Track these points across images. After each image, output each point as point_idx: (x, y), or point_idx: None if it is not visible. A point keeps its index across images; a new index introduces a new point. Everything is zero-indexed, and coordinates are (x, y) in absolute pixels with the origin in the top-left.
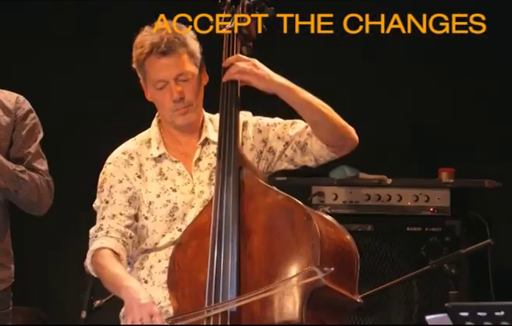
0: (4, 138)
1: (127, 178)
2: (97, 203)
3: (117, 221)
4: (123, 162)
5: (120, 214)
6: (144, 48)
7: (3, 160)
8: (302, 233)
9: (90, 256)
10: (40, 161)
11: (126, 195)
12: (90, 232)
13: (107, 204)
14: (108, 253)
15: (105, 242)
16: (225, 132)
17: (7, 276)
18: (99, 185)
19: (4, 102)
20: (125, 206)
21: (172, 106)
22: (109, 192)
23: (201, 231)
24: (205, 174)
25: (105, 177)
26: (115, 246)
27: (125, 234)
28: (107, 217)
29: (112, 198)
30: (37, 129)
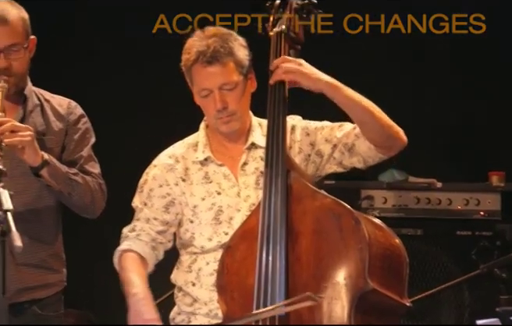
0: (56, 143)
1: (167, 184)
2: (135, 202)
3: (150, 226)
4: (167, 167)
5: (154, 219)
6: (190, 55)
7: (56, 163)
8: (350, 237)
9: (117, 255)
10: (92, 164)
11: (164, 200)
12: (123, 230)
13: (144, 206)
14: (133, 257)
15: (133, 244)
16: (272, 135)
17: (58, 280)
18: (140, 184)
19: (56, 108)
20: (161, 211)
21: (216, 114)
22: (148, 194)
23: (250, 234)
24: (251, 178)
25: (147, 178)
26: (142, 251)
27: (155, 239)
28: (141, 220)
29: (150, 201)
30: (88, 133)
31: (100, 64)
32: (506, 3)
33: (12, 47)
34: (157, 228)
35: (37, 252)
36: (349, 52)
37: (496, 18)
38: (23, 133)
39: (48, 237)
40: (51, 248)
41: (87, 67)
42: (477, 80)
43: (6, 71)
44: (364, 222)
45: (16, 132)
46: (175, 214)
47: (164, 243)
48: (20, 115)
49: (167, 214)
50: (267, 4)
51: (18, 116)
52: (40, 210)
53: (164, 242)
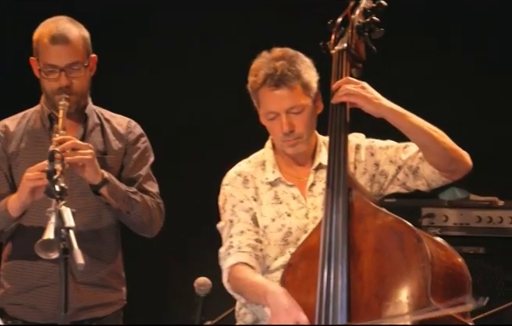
0: (116, 162)
1: (247, 198)
2: (221, 223)
3: (246, 237)
4: (240, 183)
5: (248, 230)
6: (257, 78)
7: (116, 181)
8: (412, 255)
9: (226, 273)
10: (150, 184)
11: (249, 214)
12: (220, 251)
13: (232, 223)
14: (244, 267)
15: (239, 257)
16: (334, 153)
17: (118, 299)
18: (221, 206)
19: (116, 127)
20: (250, 223)
21: (282, 137)
22: (232, 211)
23: (311, 252)
24: (319, 199)
25: (226, 198)
26: (249, 260)
27: (256, 247)
28: (235, 235)
29: (236, 216)
30: (147, 152)
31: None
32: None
33: (73, 66)
34: (253, 236)
35: (97, 271)
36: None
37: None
38: (84, 151)
39: (107, 256)
40: (111, 266)
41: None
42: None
43: (67, 89)
44: (426, 241)
45: (77, 149)
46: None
47: (263, 251)
48: (81, 133)
49: (255, 226)
50: (329, 22)
51: (78, 135)
52: (99, 229)
53: (263, 251)
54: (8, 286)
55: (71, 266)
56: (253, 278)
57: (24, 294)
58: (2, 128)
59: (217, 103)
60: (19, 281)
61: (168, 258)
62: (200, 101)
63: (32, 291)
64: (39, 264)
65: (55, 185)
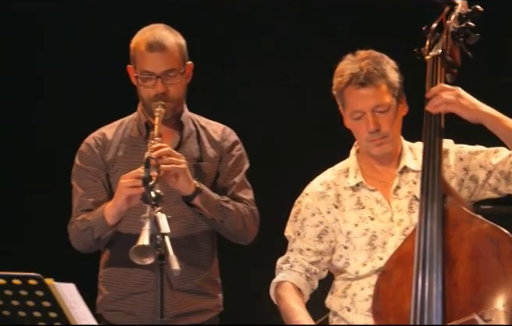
0: (211, 170)
1: (319, 212)
2: (288, 231)
3: (303, 257)
4: (319, 195)
5: (307, 249)
6: (343, 78)
7: (208, 191)
8: (509, 263)
9: (273, 287)
10: (245, 191)
11: (317, 229)
12: (277, 262)
13: (298, 236)
14: (289, 287)
15: (288, 275)
16: (428, 160)
17: (214, 305)
18: (293, 214)
19: (211, 134)
20: (314, 241)
21: (368, 136)
22: (302, 224)
23: (405, 259)
24: (404, 202)
25: (300, 208)
26: (297, 281)
27: (309, 269)
28: (295, 251)
29: (302, 231)
30: (242, 159)
31: (256, 90)
32: None
33: (169, 73)
34: (310, 258)
35: (193, 277)
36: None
37: None
38: (177, 160)
39: (203, 262)
40: (207, 273)
41: (245, 93)
42: None
43: (163, 96)
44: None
45: (171, 158)
46: (328, 243)
47: (318, 273)
48: (177, 140)
49: (320, 243)
50: (423, 28)
51: (174, 142)
52: (195, 235)
53: (318, 273)
54: (106, 292)
55: (167, 272)
56: (289, 300)
57: (122, 300)
58: (100, 136)
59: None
60: (116, 287)
61: (264, 264)
62: (293, 108)
63: (129, 297)
64: (136, 271)
65: (151, 191)
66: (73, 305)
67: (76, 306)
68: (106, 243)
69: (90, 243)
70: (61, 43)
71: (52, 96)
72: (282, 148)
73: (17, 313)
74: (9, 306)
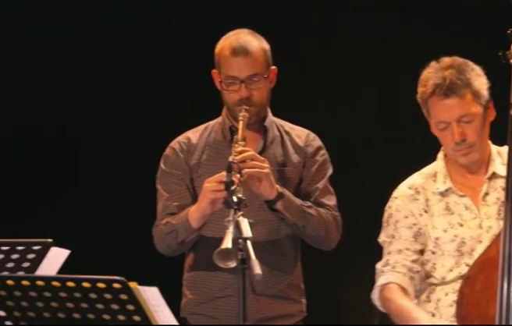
0: (295, 175)
1: (412, 214)
2: (382, 237)
3: (403, 256)
4: (409, 197)
5: (406, 249)
6: (427, 88)
7: (291, 196)
8: None
9: (377, 291)
10: (328, 197)
11: (412, 230)
12: (376, 266)
13: (392, 239)
14: (395, 288)
15: (391, 277)
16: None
17: (297, 310)
18: (385, 219)
19: (295, 140)
20: (410, 241)
21: (454, 147)
22: (395, 227)
23: (490, 265)
24: (493, 208)
25: (391, 212)
26: (402, 281)
27: (411, 269)
28: (393, 253)
29: (397, 233)
30: (326, 165)
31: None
32: None
33: (253, 78)
34: (410, 257)
35: (276, 282)
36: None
37: None
38: (261, 165)
39: (286, 267)
40: (290, 278)
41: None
42: None
43: (247, 101)
44: None
45: (254, 162)
46: (422, 244)
47: (420, 272)
48: (260, 145)
49: (417, 243)
50: (508, 31)
51: (258, 147)
52: (278, 240)
53: (420, 271)
54: (190, 296)
55: (251, 278)
56: (399, 300)
57: (205, 304)
58: (185, 140)
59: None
60: (200, 291)
61: (346, 270)
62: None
63: (213, 301)
64: (220, 275)
65: (233, 195)
66: (157, 308)
67: (160, 309)
68: (190, 247)
69: (174, 246)
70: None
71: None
72: (365, 153)
73: (102, 317)
74: (94, 310)
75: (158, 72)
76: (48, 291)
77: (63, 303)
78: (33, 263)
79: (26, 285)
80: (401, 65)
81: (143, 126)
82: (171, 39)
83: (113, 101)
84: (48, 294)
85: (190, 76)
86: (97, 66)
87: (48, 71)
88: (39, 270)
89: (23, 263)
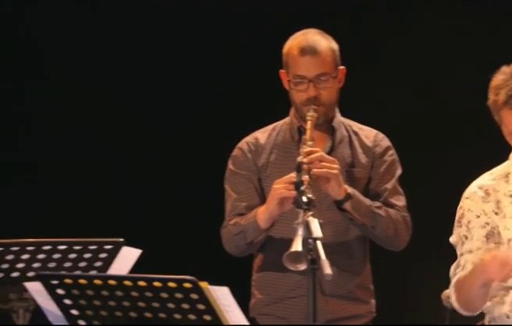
0: (363, 175)
1: (485, 214)
2: (454, 238)
3: (473, 256)
4: (480, 197)
5: (478, 248)
6: (498, 97)
7: (360, 196)
8: None
9: (452, 292)
10: (397, 197)
11: (484, 230)
12: (450, 270)
13: (465, 240)
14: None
15: (462, 273)
16: None
17: (366, 311)
18: (457, 220)
19: (363, 140)
20: (482, 241)
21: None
22: (467, 228)
23: None
24: None
25: (463, 212)
26: None
27: None
28: (465, 253)
29: (469, 233)
30: (394, 165)
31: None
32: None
33: (321, 77)
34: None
35: (345, 283)
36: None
37: None
38: (330, 165)
39: (355, 268)
40: (359, 279)
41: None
42: None
43: (315, 100)
44: None
45: (323, 162)
46: (495, 244)
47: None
48: (329, 145)
49: (489, 243)
50: None
51: (326, 147)
52: (347, 241)
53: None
54: (259, 296)
55: (320, 278)
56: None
57: (274, 305)
58: (253, 140)
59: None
60: (269, 292)
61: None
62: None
63: (282, 302)
64: (288, 276)
65: (303, 196)
66: (227, 308)
67: (230, 309)
68: (259, 247)
69: (242, 247)
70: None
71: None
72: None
73: (172, 316)
74: (165, 309)
75: (226, 72)
76: (119, 290)
77: (135, 303)
78: (105, 263)
79: (98, 285)
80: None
81: (211, 127)
82: (239, 39)
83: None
84: (119, 293)
85: (258, 76)
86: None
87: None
88: (111, 269)
89: (95, 263)
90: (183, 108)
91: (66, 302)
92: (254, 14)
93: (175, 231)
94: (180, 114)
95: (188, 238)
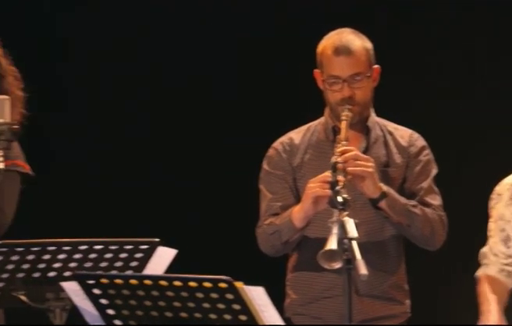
0: (398, 175)
1: (503, 219)
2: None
3: (499, 248)
4: (507, 198)
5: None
6: None
7: (395, 194)
8: None
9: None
10: (432, 196)
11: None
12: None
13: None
14: (489, 280)
15: (487, 269)
16: None
17: (401, 312)
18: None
19: (398, 140)
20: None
21: None
22: (496, 224)
23: None
24: None
25: (492, 205)
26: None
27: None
28: (492, 244)
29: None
30: (430, 165)
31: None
32: None
33: (356, 77)
34: (508, 251)
35: (380, 283)
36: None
37: None
38: (365, 164)
39: (390, 268)
40: (394, 279)
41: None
42: None
43: (350, 100)
44: None
45: (358, 161)
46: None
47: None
48: (363, 145)
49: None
50: None
51: (361, 147)
52: (382, 240)
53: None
54: (294, 296)
55: (354, 278)
56: (486, 294)
57: (309, 305)
58: (288, 140)
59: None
60: (304, 291)
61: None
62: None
63: (316, 302)
64: (324, 276)
65: (338, 195)
66: (263, 308)
67: (266, 309)
68: (294, 247)
69: (277, 247)
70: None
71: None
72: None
73: (208, 316)
74: (200, 309)
75: (261, 72)
76: (155, 290)
77: (170, 302)
78: (140, 263)
79: (134, 284)
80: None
81: (246, 127)
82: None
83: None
84: (155, 293)
85: (292, 76)
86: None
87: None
88: (146, 269)
89: (131, 263)
90: (218, 109)
91: (102, 301)
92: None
93: (210, 231)
94: (215, 114)
95: (223, 238)
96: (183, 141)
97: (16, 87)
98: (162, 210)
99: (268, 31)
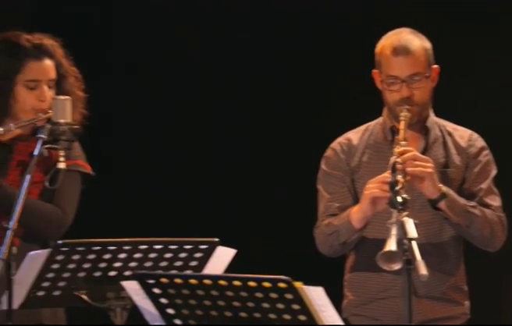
0: (457, 176)
1: None
2: None
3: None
4: None
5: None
6: None
7: (455, 195)
8: None
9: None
10: (492, 197)
11: None
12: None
13: None
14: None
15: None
16: None
17: (460, 313)
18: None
19: (457, 140)
20: None
21: None
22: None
23: None
24: None
25: None
26: None
27: None
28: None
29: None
30: (489, 165)
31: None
32: None
33: (414, 77)
34: None
35: (439, 284)
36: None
37: None
38: (424, 164)
39: (449, 269)
40: (453, 280)
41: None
42: None
43: (408, 100)
44: None
45: (417, 162)
46: None
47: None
48: (422, 146)
49: None
50: None
51: (420, 147)
52: (441, 242)
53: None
54: (351, 297)
55: (413, 279)
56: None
57: (366, 305)
58: (346, 141)
59: None
60: (362, 292)
61: None
62: None
63: (373, 302)
64: (381, 276)
65: (397, 196)
66: (322, 308)
67: (325, 309)
68: (351, 247)
69: (335, 247)
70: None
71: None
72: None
73: (267, 316)
74: (260, 309)
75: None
76: (215, 290)
77: (230, 302)
78: (200, 262)
79: (193, 284)
80: None
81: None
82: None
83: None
84: (215, 293)
85: (350, 76)
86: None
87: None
88: (206, 269)
89: (190, 262)
90: (276, 108)
91: (162, 301)
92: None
93: (269, 231)
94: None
95: (282, 238)
96: (245, 142)
97: (76, 88)
98: (222, 210)
99: (329, 30)
